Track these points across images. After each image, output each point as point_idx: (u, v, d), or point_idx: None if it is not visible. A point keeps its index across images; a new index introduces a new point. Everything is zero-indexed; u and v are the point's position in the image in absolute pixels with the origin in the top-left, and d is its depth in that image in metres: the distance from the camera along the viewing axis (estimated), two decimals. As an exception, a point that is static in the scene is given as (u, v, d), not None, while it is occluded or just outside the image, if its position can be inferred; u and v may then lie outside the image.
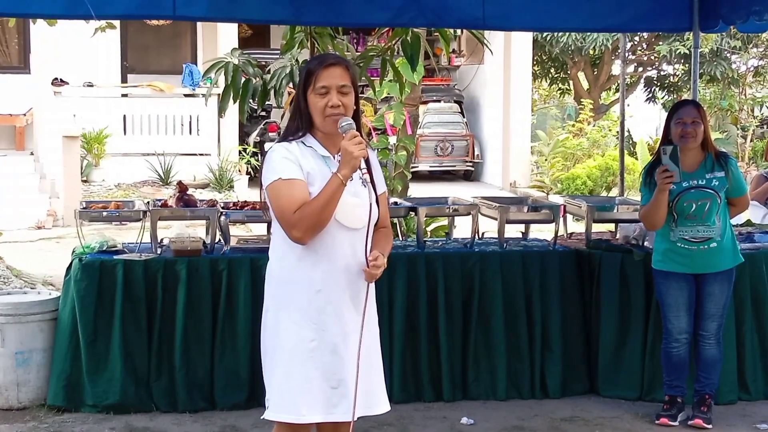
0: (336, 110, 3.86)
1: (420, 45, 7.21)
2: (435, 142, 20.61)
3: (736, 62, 23.23)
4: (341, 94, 3.89)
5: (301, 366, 3.86)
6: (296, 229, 3.80)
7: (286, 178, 3.83)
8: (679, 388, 6.15)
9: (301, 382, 3.85)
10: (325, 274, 3.87)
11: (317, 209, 3.76)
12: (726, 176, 5.95)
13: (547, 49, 23.56)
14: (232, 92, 7.13)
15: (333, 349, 3.87)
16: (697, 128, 5.93)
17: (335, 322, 3.88)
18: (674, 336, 6.06)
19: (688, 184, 5.91)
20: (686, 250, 5.96)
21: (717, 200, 5.91)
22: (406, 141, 10.02)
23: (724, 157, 6.04)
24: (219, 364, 6.27)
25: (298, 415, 3.86)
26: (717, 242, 5.93)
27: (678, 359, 6.09)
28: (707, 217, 5.91)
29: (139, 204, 6.83)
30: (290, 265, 3.91)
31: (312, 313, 3.87)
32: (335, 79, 3.88)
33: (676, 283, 6.01)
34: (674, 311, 6.03)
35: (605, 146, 20.53)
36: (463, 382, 6.57)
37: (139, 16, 8.67)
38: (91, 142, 17.00)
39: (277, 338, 3.92)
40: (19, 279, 9.70)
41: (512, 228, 7.09)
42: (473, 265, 6.57)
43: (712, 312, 6.00)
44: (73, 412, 6.10)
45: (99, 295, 6.13)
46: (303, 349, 3.86)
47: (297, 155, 3.88)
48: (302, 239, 3.81)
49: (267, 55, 16.33)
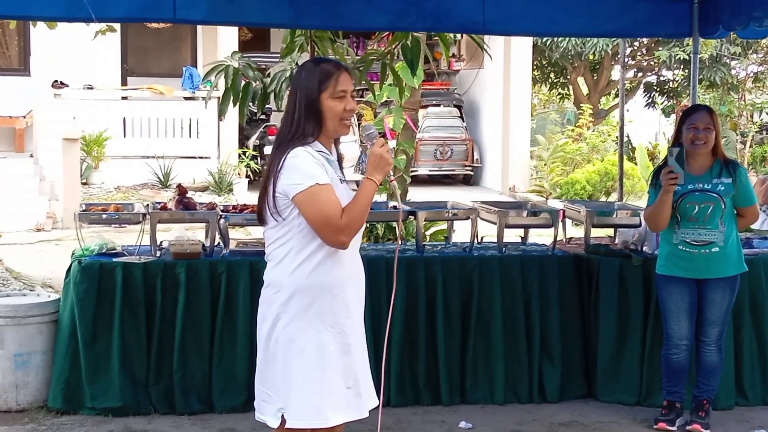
0: (351, 114, 3.97)
1: (420, 49, 7.22)
2: (434, 146, 20.63)
3: (736, 68, 23.27)
4: (353, 99, 4.00)
5: (323, 371, 3.89)
6: (344, 233, 3.83)
7: (323, 183, 3.83)
8: (678, 393, 6.16)
9: (324, 386, 3.90)
10: (339, 279, 3.93)
11: (362, 213, 3.86)
12: (733, 183, 5.95)
13: (546, 54, 23.58)
14: (232, 95, 7.14)
15: (348, 350, 3.95)
16: (709, 134, 5.94)
17: (349, 324, 3.96)
18: (674, 342, 6.07)
19: (693, 187, 5.93)
20: (687, 254, 5.96)
21: (721, 205, 5.92)
22: (406, 145, 10.02)
23: (734, 165, 6.04)
24: (217, 367, 6.27)
25: (324, 419, 3.90)
26: (719, 247, 5.93)
27: (678, 365, 6.10)
28: (709, 221, 5.91)
29: (138, 207, 6.83)
30: (306, 274, 3.89)
31: (329, 317, 3.91)
32: (350, 85, 3.96)
33: (677, 288, 6.02)
34: (675, 316, 6.04)
35: (604, 151, 20.55)
36: (462, 386, 6.57)
37: (139, 19, 8.65)
38: (91, 145, 17.01)
39: (292, 346, 3.90)
40: (18, 281, 9.71)
41: (511, 232, 7.10)
42: (472, 269, 6.58)
43: (714, 318, 6.01)
44: (72, 414, 6.10)
45: (98, 298, 6.13)
46: (323, 354, 3.90)
47: (321, 160, 3.90)
48: (346, 243, 3.87)
49: (267, 59, 16.34)
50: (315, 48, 7.27)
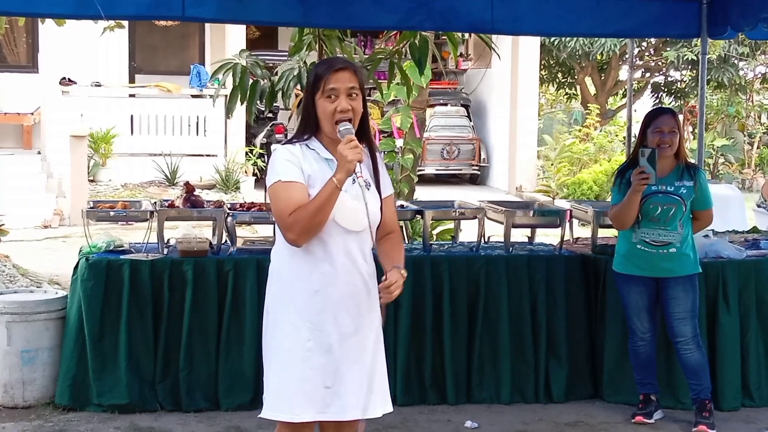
0: (345, 114, 3.87)
1: (428, 48, 7.22)
2: (441, 146, 20.62)
3: (744, 69, 23.23)
4: (350, 98, 3.88)
5: (297, 366, 3.88)
6: (291, 231, 3.83)
7: (286, 180, 3.86)
8: (651, 385, 6.26)
9: (296, 381, 3.88)
10: (324, 276, 3.88)
11: (311, 212, 3.78)
12: (693, 187, 6.02)
13: (554, 54, 23.56)
14: (239, 93, 7.14)
15: (328, 349, 3.89)
16: (674, 137, 6.03)
17: (332, 323, 3.89)
18: (638, 335, 6.19)
19: (657, 189, 5.99)
20: (645, 253, 6.04)
21: (682, 208, 6.00)
22: (413, 144, 10.03)
23: (694, 169, 6.14)
24: (224, 364, 6.28)
25: (292, 414, 3.89)
26: (676, 248, 6.00)
27: (645, 356, 6.21)
28: (670, 222, 5.99)
29: (146, 204, 6.84)
30: (290, 266, 3.93)
31: (309, 313, 3.89)
32: (344, 83, 3.87)
33: (636, 287, 6.12)
34: (636, 312, 6.15)
35: (612, 151, 20.53)
36: (468, 386, 6.57)
37: (148, 17, 8.65)
38: (99, 142, 17.02)
39: (274, 338, 3.96)
40: (25, 278, 9.72)
41: (518, 232, 7.10)
42: (479, 269, 6.58)
43: (681, 315, 6.03)
44: (78, 411, 6.12)
45: (105, 295, 6.15)
46: (300, 349, 3.88)
47: (299, 157, 3.90)
48: (297, 242, 3.84)
49: (275, 57, 16.34)
50: (323, 47, 7.27)
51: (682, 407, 6.38)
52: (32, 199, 14.79)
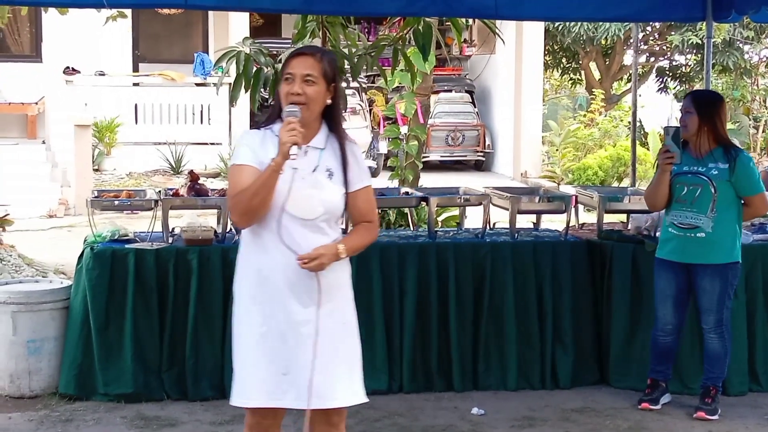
0: (297, 98, 3.86)
1: (432, 34, 7.18)
2: (446, 132, 20.60)
3: (749, 52, 23.14)
4: (305, 83, 3.87)
5: (250, 351, 3.93)
6: (233, 213, 3.92)
7: (238, 163, 3.91)
8: (662, 372, 6.22)
9: (250, 367, 3.92)
10: (274, 262, 3.89)
11: (248, 195, 3.80)
12: (730, 169, 5.87)
13: (558, 39, 23.49)
14: (243, 81, 7.12)
15: (281, 336, 3.89)
16: (688, 118, 5.92)
17: (281, 311, 3.89)
18: (660, 325, 6.14)
19: (688, 169, 5.92)
20: (674, 236, 5.98)
21: (710, 189, 5.86)
22: (417, 131, 10.00)
23: (735, 151, 5.97)
24: (230, 353, 6.26)
25: (245, 399, 3.93)
26: (705, 233, 5.89)
27: (664, 347, 6.16)
28: (697, 204, 5.89)
29: (150, 193, 6.83)
30: (245, 252, 4.00)
31: (260, 299, 3.92)
32: (301, 69, 3.88)
33: (665, 273, 6.06)
34: (661, 299, 6.10)
35: (617, 136, 20.49)
36: (474, 373, 6.56)
37: (151, 5, 8.68)
38: (103, 131, 17.04)
39: (234, 324, 4.04)
40: (30, 267, 9.73)
41: (523, 218, 7.08)
42: (484, 255, 6.57)
43: (707, 306, 5.99)
44: (84, 400, 6.12)
45: (110, 284, 6.14)
46: (252, 334, 3.92)
47: (257, 142, 3.93)
48: (238, 223, 3.94)
49: (278, 45, 16.30)
50: (326, 34, 7.24)
51: (689, 392, 6.37)
52: (37, 189, 14.82)
